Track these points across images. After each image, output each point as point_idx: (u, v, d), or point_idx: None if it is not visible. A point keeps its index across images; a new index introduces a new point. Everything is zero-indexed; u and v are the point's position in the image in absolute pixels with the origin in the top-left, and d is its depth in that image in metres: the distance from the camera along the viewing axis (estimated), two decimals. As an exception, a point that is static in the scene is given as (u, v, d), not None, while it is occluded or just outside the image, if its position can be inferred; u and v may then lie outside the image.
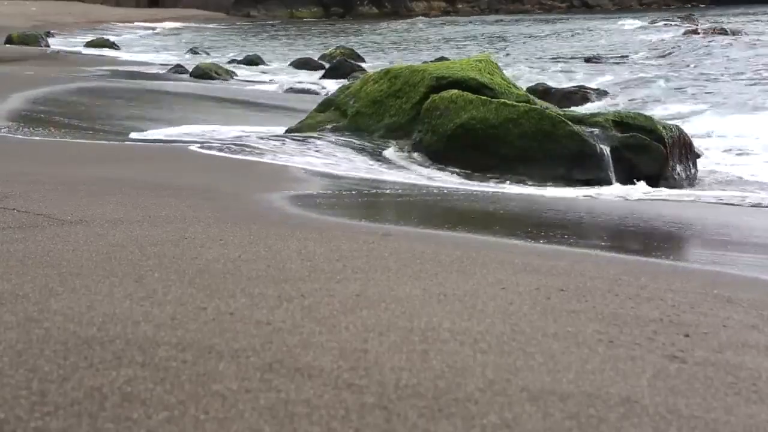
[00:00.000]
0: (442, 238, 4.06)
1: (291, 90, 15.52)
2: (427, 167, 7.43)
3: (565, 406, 1.94)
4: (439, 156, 7.45)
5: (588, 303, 2.83)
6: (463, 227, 4.63)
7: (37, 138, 7.52)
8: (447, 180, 7.03)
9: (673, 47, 24.33)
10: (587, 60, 22.33)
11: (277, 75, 19.33)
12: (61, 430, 1.70)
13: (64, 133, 8.08)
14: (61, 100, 10.73)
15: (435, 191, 6.24)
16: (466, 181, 7.02)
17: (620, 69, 19.89)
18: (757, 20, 36.94)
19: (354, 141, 8.09)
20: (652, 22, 36.45)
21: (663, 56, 22.55)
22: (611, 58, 23.29)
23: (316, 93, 14.68)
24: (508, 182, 6.98)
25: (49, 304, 2.46)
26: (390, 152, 7.82)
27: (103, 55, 23.60)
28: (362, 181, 6.40)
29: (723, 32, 27.19)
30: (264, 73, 19.79)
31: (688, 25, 31.72)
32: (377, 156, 7.71)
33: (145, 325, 2.30)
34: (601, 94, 15.11)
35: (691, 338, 2.53)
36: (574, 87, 15.73)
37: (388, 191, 6.05)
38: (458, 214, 5.50)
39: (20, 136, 7.54)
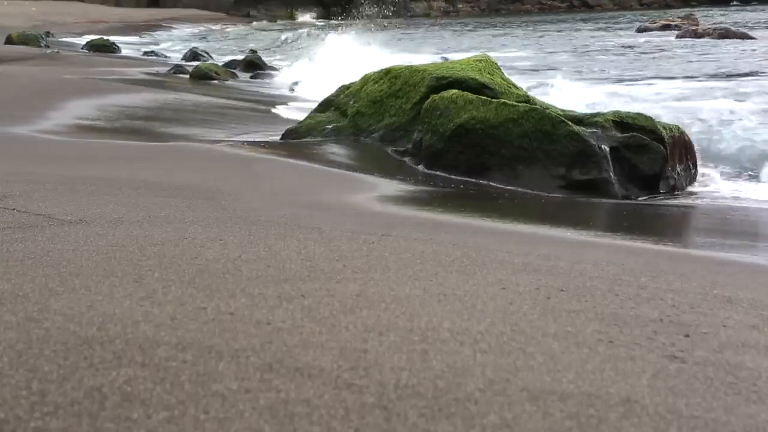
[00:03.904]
0: (442, 237, 4.06)
1: (291, 90, 15.53)
2: (426, 166, 7.43)
3: (565, 406, 1.95)
4: (438, 155, 7.45)
5: (588, 303, 2.83)
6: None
7: (41, 137, 7.52)
8: (445, 179, 7.03)
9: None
10: None
11: (279, 75, 19.31)
12: (61, 430, 1.70)
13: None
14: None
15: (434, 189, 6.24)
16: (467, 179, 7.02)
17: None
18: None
19: (354, 141, 8.10)
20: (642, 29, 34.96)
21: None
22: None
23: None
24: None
25: (49, 304, 2.46)
26: (390, 151, 7.82)
27: (102, 57, 23.58)
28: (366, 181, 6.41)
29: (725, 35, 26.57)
30: (264, 73, 19.76)
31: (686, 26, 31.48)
32: (380, 155, 7.71)
33: (145, 325, 2.30)
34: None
35: (691, 338, 2.53)
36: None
37: (392, 192, 6.06)
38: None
39: (28, 133, 7.54)
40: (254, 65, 21.29)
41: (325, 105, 9.10)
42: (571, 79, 14.57)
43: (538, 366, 2.18)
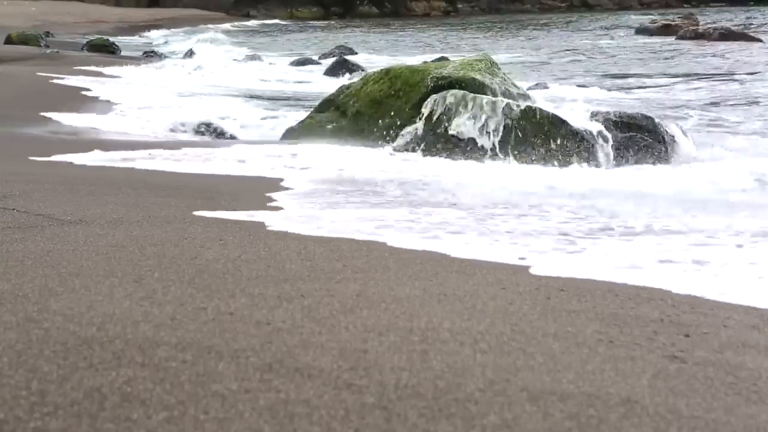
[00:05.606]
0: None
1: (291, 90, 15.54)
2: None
3: (565, 406, 1.94)
4: (438, 155, 7.44)
5: (588, 303, 2.83)
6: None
7: (40, 136, 7.52)
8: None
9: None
10: None
11: (280, 73, 19.30)
12: (60, 431, 1.70)
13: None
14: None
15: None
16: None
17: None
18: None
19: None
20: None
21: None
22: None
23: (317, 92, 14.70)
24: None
25: (49, 304, 2.46)
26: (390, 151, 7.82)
27: (102, 57, 23.53)
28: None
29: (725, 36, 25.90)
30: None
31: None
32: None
33: (144, 325, 2.30)
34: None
35: (691, 338, 2.53)
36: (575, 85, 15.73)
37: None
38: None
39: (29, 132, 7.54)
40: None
41: (325, 105, 9.09)
42: (567, 80, 14.47)
43: (538, 366, 2.18)
